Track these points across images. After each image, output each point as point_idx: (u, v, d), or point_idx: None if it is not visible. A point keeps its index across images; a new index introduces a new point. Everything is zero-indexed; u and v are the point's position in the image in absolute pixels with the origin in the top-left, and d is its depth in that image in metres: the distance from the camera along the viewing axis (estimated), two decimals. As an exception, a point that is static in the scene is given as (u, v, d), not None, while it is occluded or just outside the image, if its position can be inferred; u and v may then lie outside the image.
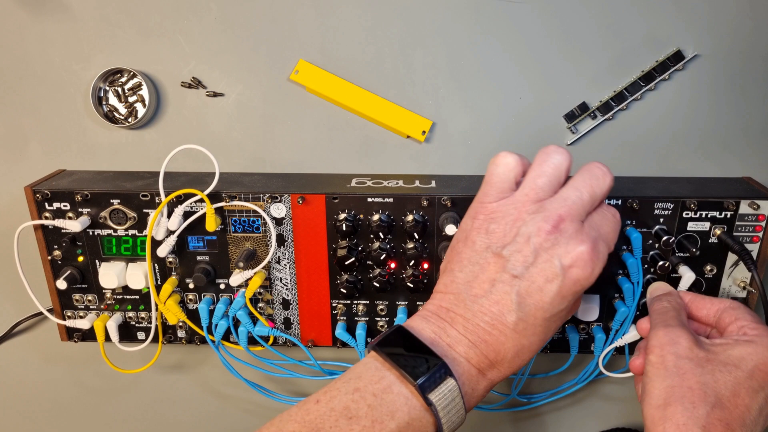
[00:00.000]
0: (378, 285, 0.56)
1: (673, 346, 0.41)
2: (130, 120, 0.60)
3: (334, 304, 0.59)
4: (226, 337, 0.60)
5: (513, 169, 0.42)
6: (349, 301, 0.59)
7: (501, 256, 0.39)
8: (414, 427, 0.37)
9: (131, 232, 0.57)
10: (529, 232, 0.39)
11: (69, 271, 0.58)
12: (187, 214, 0.55)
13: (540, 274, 0.38)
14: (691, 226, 0.54)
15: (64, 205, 0.56)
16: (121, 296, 0.60)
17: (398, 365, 0.38)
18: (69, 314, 0.61)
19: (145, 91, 0.59)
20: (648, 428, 0.39)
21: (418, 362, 0.38)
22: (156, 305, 0.58)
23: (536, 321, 0.39)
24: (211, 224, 0.54)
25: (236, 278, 0.56)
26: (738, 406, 0.38)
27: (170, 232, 0.55)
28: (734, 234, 0.54)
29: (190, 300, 0.59)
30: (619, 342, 0.54)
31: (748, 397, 0.38)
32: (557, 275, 0.38)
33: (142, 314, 0.61)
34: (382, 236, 0.55)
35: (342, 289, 0.57)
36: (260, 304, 0.60)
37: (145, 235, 0.56)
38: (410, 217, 0.55)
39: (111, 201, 0.56)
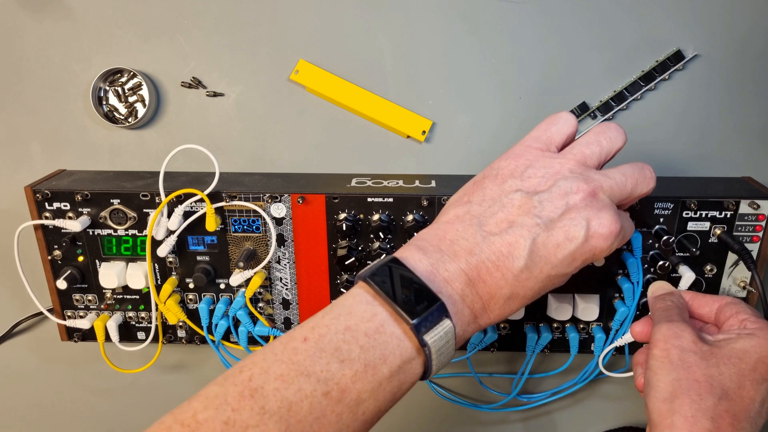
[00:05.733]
0: (378, 285, 0.56)
1: (677, 339, 0.41)
2: (130, 120, 0.60)
3: (334, 304, 0.59)
4: (226, 337, 0.60)
5: (571, 128, 0.42)
6: (349, 301, 0.59)
7: (530, 201, 0.38)
8: (404, 369, 0.36)
9: (131, 231, 0.57)
10: (567, 187, 0.38)
11: (69, 271, 0.58)
12: (187, 214, 0.55)
13: (562, 230, 0.37)
14: (691, 225, 0.54)
15: (65, 205, 0.56)
16: (121, 296, 0.60)
17: (392, 300, 0.35)
18: (69, 314, 0.61)
19: (145, 91, 0.59)
20: (654, 422, 0.39)
21: (413, 298, 0.35)
22: (156, 305, 0.58)
23: (539, 274, 0.38)
24: (211, 224, 0.54)
25: (236, 278, 0.56)
26: (743, 398, 0.38)
27: (170, 232, 0.55)
28: (734, 234, 0.54)
29: (190, 300, 0.59)
30: (619, 342, 0.54)
31: (752, 390, 0.38)
32: (578, 236, 0.37)
33: (142, 314, 0.61)
34: (382, 236, 0.55)
35: (342, 289, 0.57)
36: (260, 304, 0.60)
37: (145, 235, 0.56)
38: (410, 217, 0.55)
39: (111, 201, 0.56)
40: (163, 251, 0.55)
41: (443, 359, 0.37)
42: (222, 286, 0.59)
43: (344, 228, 0.54)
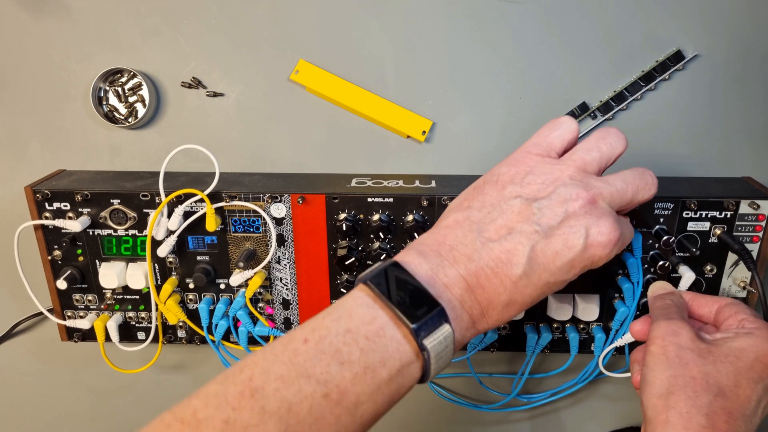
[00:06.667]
0: (378, 285, 0.56)
1: (674, 337, 0.41)
2: (130, 120, 0.60)
3: (334, 304, 0.59)
4: (227, 337, 0.60)
5: (572, 134, 0.42)
6: (349, 301, 0.59)
7: (529, 207, 0.38)
8: (403, 373, 0.35)
9: (131, 232, 0.57)
10: (567, 194, 0.38)
11: (69, 271, 0.58)
12: (187, 214, 0.55)
13: (561, 237, 0.37)
14: (691, 225, 0.54)
15: (65, 205, 0.56)
16: (121, 296, 0.60)
17: (393, 304, 0.35)
18: (69, 314, 0.61)
19: (145, 91, 0.59)
20: (649, 417, 0.39)
21: (413, 303, 0.35)
22: (156, 305, 0.58)
23: (538, 281, 0.38)
24: (212, 224, 0.54)
25: (236, 278, 0.56)
26: (739, 396, 0.38)
27: (170, 232, 0.55)
28: (734, 234, 0.54)
29: (190, 300, 0.59)
30: (619, 342, 0.54)
31: (748, 388, 0.39)
32: (577, 245, 0.37)
33: (142, 314, 0.61)
34: (382, 236, 0.55)
35: (342, 289, 0.57)
36: (260, 304, 0.60)
37: (146, 235, 0.56)
38: (410, 217, 0.55)
39: (111, 201, 0.56)
40: (163, 251, 0.55)
41: (441, 364, 0.37)
42: (222, 287, 0.59)
43: (344, 228, 0.54)
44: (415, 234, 0.54)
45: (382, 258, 0.55)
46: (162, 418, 0.33)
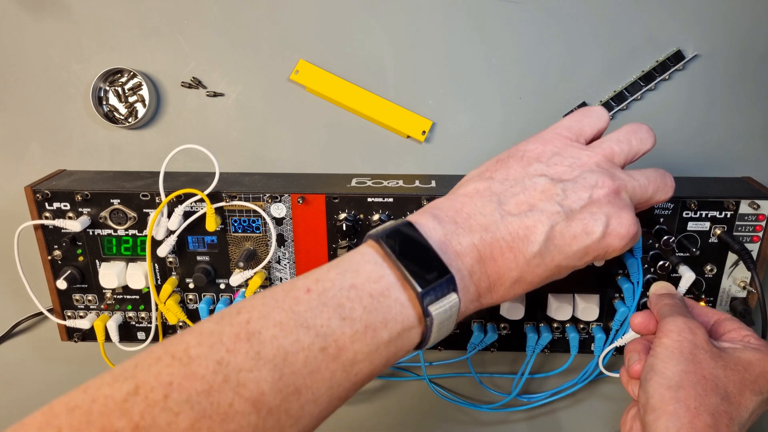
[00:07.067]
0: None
1: (691, 334, 0.42)
2: (130, 120, 0.60)
3: (334, 304, 0.59)
4: (226, 337, 0.60)
5: (603, 123, 0.42)
6: (349, 301, 0.59)
7: (554, 187, 0.38)
8: (403, 336, 0.34)
9: (131, 232, 0.57)
10: (593, 180, 0.38)
11: (69, 271, 0.58)
12: (187, 214, 0.55)
13: (581, 222, 0.37)
14: (691, 225, 0.54)
15: (65, 205, 0.56)
16: (121, 296, 0.60)
17: (402, 265, 0.34)
18: (69, 314, 0.61)
19: (145, 91, 0.59)
20: (653, 406, 0.39)
21: (423, 266, 0.34)
22: (156, 305, 0.58)
23: (551, 263, 0.38)
24: (211, 224, 0.54)
25: (236, 278, 0.56)
26: (741, 404, 0.39)
27: (170, 232, 0.55)
28: (734, 234, 0.54)
29: (190, 300, 0.59)
30: (619, 342, 0.54)
31: (749, 399, 0.39)
32: (596, 232, 0.37)
33: (142, 314, 0.61)
34: (382, 236, 0.55)
35: (342, 289, 0.57)
36: (260, 304, 0.60)
37: (146, 235, 0.56)
38: (410, 217, 0.55)
39: (111, 201, 0.56)
40: (163, 251, 0.55)
41: (442, 333, 0.36)
42: (222, 287, 0.59)
43: (344, 228, 0.54)
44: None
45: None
46: (152, 350, 0.31)
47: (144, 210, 0.56)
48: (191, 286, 0.59)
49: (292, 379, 0.31)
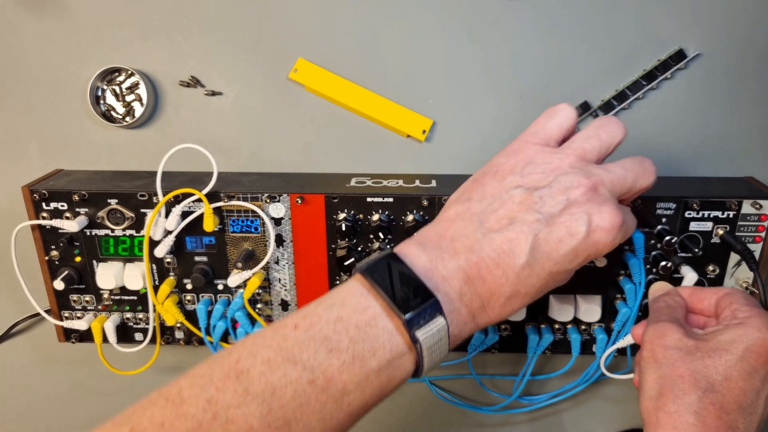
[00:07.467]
0: (378, 285, 0.56)
1: (660, 338, 0.41)
2: (127, 119, 0.60)
3: (333, 305, 0.59)
4: (225, 338, 0.60)
5: (570, 122, 0.42)
6: (348, 302, 0.58)
7: (530, 197, 0.38)
8: (394, 365, 0.35)
9: (129, 232, 0.57)
10: (568, 182, 0.38)
11: (66, 272, 0.57)
12: (185, 214, 0.55)
13: (564, 225, 0.37)
14: (694, 226, 0.54)
15: (62, 205, 0.56)
16: (118, 297, 0.60)
17: (386, 295, 0.35)
18: (66, 315, 0.60)
19: (142, 90, 0.59)
20: (644, 421, 0.39)
21: (408, 294, 0.35)
22: (154, 306, 0.58)
23: (541, 271, 0.38)
24: (210, 224, 0.54)
25: (235, 279, 0.56)
26: (731, 389, 0.38)
27: (168, 232, 0.55)
28: (737, 234, 0.54)
29: (188, 301, 0.59)
30: (621, 343, 0.54)
31: (741, 381, 0.38)
32: (580, 231, 0.37)
33: (140, 315, 0.60)
34: (382, 236, 0.55)
35: (341, 290, 0.57)
36: (259, 305, 0.59)
37: (143, 236, 0.55)
38: (410, 217, 0.54)
39: (108, 201, 0.56)
40: (160, 252, 0.55)
41: (435, 357, 0.36)
42: (220, 287, 0.59)
43: (344, 228, 0.54)
44: (415, 233, 0.54)
45: (381, 258, 0.54)
46: (149, 397, 0.34)
47: (141, 210, 0.56)
48: (189, 286, 0.58)
49: (281, 413, 0.33)
